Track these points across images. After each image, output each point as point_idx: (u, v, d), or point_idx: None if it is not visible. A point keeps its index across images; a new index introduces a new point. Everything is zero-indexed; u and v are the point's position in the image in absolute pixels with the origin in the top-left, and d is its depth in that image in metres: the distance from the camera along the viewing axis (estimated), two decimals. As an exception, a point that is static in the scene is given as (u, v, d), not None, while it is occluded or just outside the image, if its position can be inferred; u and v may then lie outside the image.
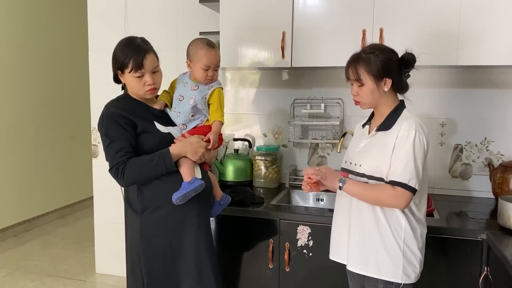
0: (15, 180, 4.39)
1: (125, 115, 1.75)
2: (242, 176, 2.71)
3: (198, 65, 1.85)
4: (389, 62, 1.61)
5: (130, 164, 1.73)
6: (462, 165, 2.54)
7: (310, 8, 2.32)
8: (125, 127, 1.74)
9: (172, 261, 1.84)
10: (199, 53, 1.85)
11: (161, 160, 1.74)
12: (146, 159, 1.75)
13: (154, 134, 1.79)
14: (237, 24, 2.43)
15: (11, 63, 4.30)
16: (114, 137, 1.74)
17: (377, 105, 1.67)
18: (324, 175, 1.64)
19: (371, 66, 1.59)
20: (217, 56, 1.88)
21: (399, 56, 1.64)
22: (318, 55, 2.33)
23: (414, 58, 1.63)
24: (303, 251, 2.14)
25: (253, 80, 2.84)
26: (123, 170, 1.73)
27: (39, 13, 4.61)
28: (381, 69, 1.59)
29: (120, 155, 1.73)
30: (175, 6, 2.94)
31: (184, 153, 1.78)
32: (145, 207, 1.82)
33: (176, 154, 1.77)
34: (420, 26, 2.17)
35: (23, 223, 4.46)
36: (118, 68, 1.78)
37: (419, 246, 1.63)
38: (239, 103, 2.89)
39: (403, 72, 1.65)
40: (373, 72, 1.60)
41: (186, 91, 1.88)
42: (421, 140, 1.56)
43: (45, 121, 4.75)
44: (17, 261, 3.73)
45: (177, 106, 1.89)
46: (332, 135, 2.67)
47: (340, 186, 1.62)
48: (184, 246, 1.84)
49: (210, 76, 1.87)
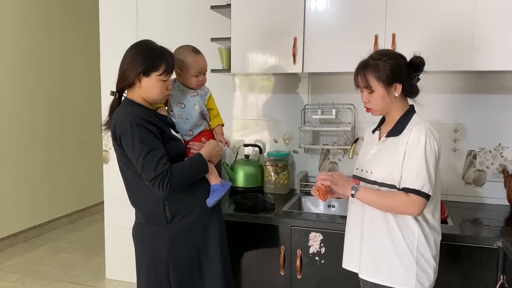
0: (26, 185, 4.42)
1: (152, 121, 1.73)
2: (253, 182, 2.70)
3: (188, 72, 1.88)
4: (397, 67, 1.60)
5: (175, 172, 1.70)
6: (475, 172, 2.51)
7: (321, 14, 2.32)
8: (156, 135, 1.71)
9: (198, 266, 1.86)
10: (187, 61, 1.88)
11: (200, 166, 1.80)
12: (187, 165, 1.78)
13: (177, 141, 1.85)
14: (248, 30, 2.44)
15: (23, 69, 4.34)
16: (152, 145, 1.68)
17: (388, 111, 1.66)
18: (336, 181, 1.62)
19: (380, 72, 1.59)
20: (205, 60, 1.93)
21: (407, 60, 1.63)
22: (330, 60, 2.32)
23: (423, 61, 1.62)
24: (315, 258, 2.12)
25: (264, 85, 2.84)
26: (169, 178, 1.68)
27: (51, 19, 4.66)
28: (390, 75, 1.58)
29: (163, 164, 1.68)
30: (186, 13, 2.95)
31: (210, 157, 1.86)
32: (173, 216, 1.80)
33: (207, 158, 1.84)
34: (433, 31, 2.16)
35: (33, 228, 4.49)
36: (144, 69, 1.71)
37: (433, 254, 1.61)
38: (249, 108, 2.88)
39: (413, 76, 1.64)
40: (383, 78, 1.59)
41: (186, 98, 1.91)
42: (432, 146, 1.54)
43: (56, 127, 4.78)
44: (28, 266, 3.74)
45: (182, 113, 1.91)
46: (344, 141, 2.65)
47: (353, 193, 1.60)
48: (210, 248, 1.88)
49: (201, 81, 1.92)
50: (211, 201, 1.83)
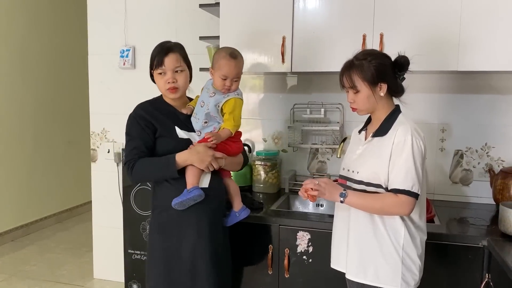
0: (13, 184, 4.37)
1: (147, 118, 1.84)
2: (242, 181, 2.69)
3: (217, 73, 1.88)
4: (382, 66, 1.60)
5: (139, 163, 1.80)
6: (462, 171, 2.53)
7: (310, 13, 2.32)
8: (144, 129, 1.82)
9: (169, 266, 1.86)
10: (219, 63, 1.88)
11: (165, 165, 1.80)
12: (155, 161, 1.82)
13: (170, 139, 1.85)
14: (237, 29, 2.43)
15: (11, 67, 4.29)
16: (132, 136, 1.84)
17: (374, 110, 1.67)
18: (324, 189, 1.61)
19: (365, 72, 1.59)
20: (237, 67, 1.89)
21: (392, 60, 1.64)
22: (318, 60, 2.32)
23: (408, 60, 1.63)
24: (302, 257, 2.12)
25: (253, 85, 2.84)
26: (132, 167, 1.81)
27: (39, 16, 4.61)
28: (375, 75, 1.59)
29: (134, 153, 1.82)
30: (174, 11, 2.94)
31: (190, 161, 1.80)
32: (155, 207, 1.91)
33: (181, 161, 1.80)
34: (420, 31, 2.16)
35: (20, 228, 4.44)
36: (150, 68, 1.88)
37: (418, 253, 1.62)
38: (238, 108, 2.87)
39: (398, 76, 1.65)
40: (368, 78, 1.59)
41: (206, 98, 1.90)
42: (418, 145, 1.55)
43: (43, 125, 4.73)
44: (14, 266, 3.70)
45: (197, 112, 1.91)
46: (332, 140, 2.66)
47: (342, 200, 1.60)
48: (182, 253, 1.86)
49: (228, 86, 1.88)
50: (173, 201, 1.80)
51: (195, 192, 1.79)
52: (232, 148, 1.94)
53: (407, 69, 1.63)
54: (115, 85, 3.11)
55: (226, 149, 1.90)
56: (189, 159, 1.80)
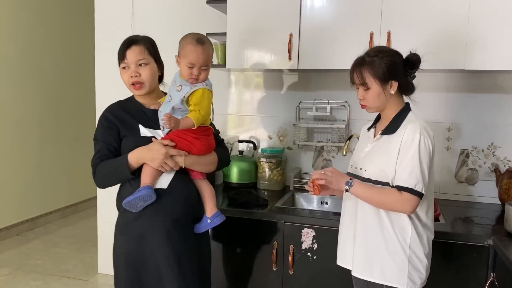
0: (19, 179, 4.40)
1: (110, 118, 1.75)
2: (246, 178, 2.70)
3: (183, 61, 1.70)
4: (394, 64, 1.59)
5: (100, 167, 1.73)
6: (468, 170, 2.52)
7: (317, 11, 2.32)
8: (107, 130, 1.74)
9: (133, 270, 1.74)
10: (185, 49, 1.70)
11: (119, 166, 1.69)
12: (111, 163, 1.71)
13: (132, 138, 1.73)
14: (244, 26, 2.43)
15: (17, 63, 4.31)
16: (97, 139, 1.77)
17: (384, 108, 1.66)
18: (330, 178, 1.61)
19: (376, 69, 1.58)
20: (204, 54, 1.70)
21: (403, 57, 1.63)
22: (325, 57, 2.32)
23: (419, 58, 1.62)
24: (307, 254, 2.13)
25: (259, 82, 2.84)
26: (95, 173, 1.74)
27: (46, 13, 4.63)
28: (386, 72, 1.58)
29: (96, 157, 1.74)
30: (182, 7, 2.94)
31: (142, 159, 1.67)
32: (118, 207, 1.81)
33: (133, 160, 1.67)
34: (428, 30, 2.16)
35: (26, 222, 4.47)
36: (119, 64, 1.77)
37: (425, 252, 1.61)
38: (244, 105, 2.88)
39: (409, 74, 1.64)
40: (379, 75, 1.58)
41: (173, 91, 1.73)
42: (426, 144, 1.55)
43: (50, 121, 4.75)
44: (20, 260, 3.72)
45: (163, 106, 1.75)
46: (338, 138, 2.66)
47: (347, 188, 1.60)
48: (147, 258, 1.73)
49: (195, 75, 1.69)
50: (123, 201, 1.66)
51: (142, 191, 1.63)
52: (196, 146, 1.73)
53: (418, 67, 1.62)
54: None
55: (189, 147, 1.72)
56: (141, 157, 1.67)
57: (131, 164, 1.68)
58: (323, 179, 1.62)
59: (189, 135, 1.71)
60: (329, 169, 1.65)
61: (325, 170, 1.64)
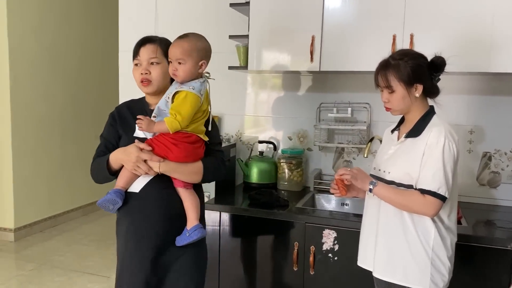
0: (42, 178, 4.50)
1: (115, 116, 1.78)
2: (266, 178, 2.72)
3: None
4: (419, 67, 1.60)
5: (92, 163, 1.77)
6: (490, 173, 2.50)
7: (340, 13, 2.33)
8: (110, 127, 1.77)
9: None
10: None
11: (102, 164, 1.70)
12: (98, 161, 1.74)
13: (125, 138, 1.72)
14: (266, 28, 2.46)
15: (42, 63, 4.42)
16: (102, 135, 1.79)
17: (408, 111, 1.67)
18: (356, 175, 1.64)
19: (401, 72, 1.59)
20: (178, 46, 1.65)
21: (428, 60, 1.64)
22: (347, 59, 2.33)
23: (444, 61, 1.62)
24: (328, 255, 2.14)
25: (279, 83, 2.86)
26: (91, 169, 1.77)
27: (71, 14, 4.73)
28: (411, 75, 1.59)
29: (95, 154, 1.77)
30: (204, 9, 2.97)
31: (119, 160, 1.66)
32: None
33: (113, 160, 1.68)
34: (451, 32, 2.15)
35: (49, 219, 4.57)
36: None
37: (448, 255, 1.62)
38: (264, 105, 2.90)
39: (433, 77, 1.64)
40: (404, 79, 1.59)
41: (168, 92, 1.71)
42: (450, 148, 1.55)
43: (72, 121, 4.85)
44: (44, 255, 3.82)
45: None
46: (359, 140, 2.66)
47: (371, 188, 1.62)
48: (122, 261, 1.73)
49: (173, 69, 1.65)
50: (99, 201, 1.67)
51: (109, 195, 1.64)
52: (173, 152, 1.65)
53: (443, 70, 1.62)
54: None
55: (166, 153, 1.65)
56: (118, 158, 1.66)
57: (111, 164, 1.69)
58: (349, 174, 1.64)
59: (168, 140, 1.65)
60: (355, 168, 1.68)
61: (352, 168, 1.67)
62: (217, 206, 2.32)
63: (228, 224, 2.31)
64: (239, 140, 2.94)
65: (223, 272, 2.33)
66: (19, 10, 4.12)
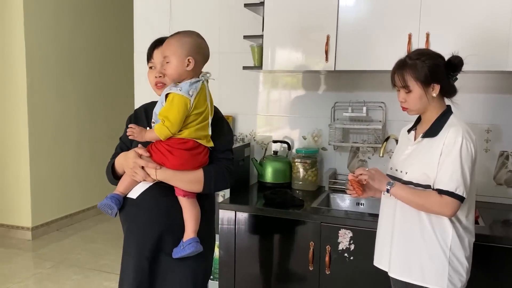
0: (58, 177, 4.57)
1: (131, 119, 1.77)
2: (281, 178, 2.73)
3: None
4: (436, 67, 1.59)
5: (107, 167, 1.75)
6: (507, 173, 2.48)
7: (355, 12, 2.32)
8: (126, 130, 1.69)
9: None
10: None
11: (108, 168, 1.71)
12: (109, 164, 1.73)
13: (136, 142, 1.67)
14: (280, 28, 2.46)
15: (58, 64, 4.48)
16: (120, 137, 1.78)
17: (425, 111, 1.66)
18: (373, 176, 1.64)
19: (418, 72, 1.58)
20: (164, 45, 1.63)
21: (445, 60, 1.63)
22: (363, 59, 2.33)
23: (462, 61, 1.62)
24: (344, 254, 2.14)
25: (293, 82, 2.86)
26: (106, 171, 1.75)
27: (86, 15, 4.79)
28: (428, 75, 1.58)
29: (112, 157, 1.76)
30: (219, 10, 2.99)
31: (121, 165, 1.65)
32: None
33: (118, 165, 1.67)
34: (468, 31, 2.14)
35: (65, 218, 4.64)
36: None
37: (466, 255, 1.61)
38: (278, 105, 2.91)
39: (451, 76, 1.64)
40: (421, 79, 1.59)
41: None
42: (468, 148, 1.54)
43: (87, 121, 4.91)
44: (61, 254, 3.88)
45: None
46: (374, 139, 2.65)
47: (388, 188, 1.62)
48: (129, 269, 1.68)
49: (163, 70, 1.63)
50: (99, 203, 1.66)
51: (105, 200, 1.63)
52: (169, 159, 1.57)
53: (461, 70, 1.62)
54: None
55: (162, 160, 1.58)
56: (120, 162, 1.65)
57: (116, 169, 1.68)
58: (366, 174, 1.64)
59: (163, 146, 1.58)
60: (373, 168, 1.68)
61: (369, 169, 1.67)
62: (232, 206, 2.34)
63: (243, 224, 2.32)
64: (253, 139, 2.95)
65: (238, 271, 2.34)
66: (35, 13, 4.18)
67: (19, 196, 4.27)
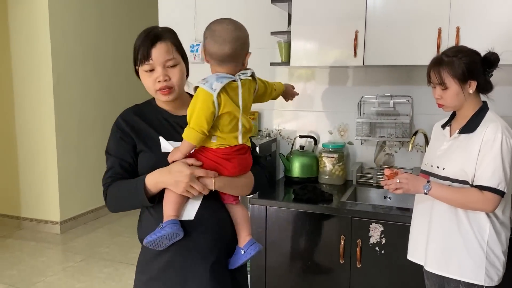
0: (85, 172, 4.66)
1: (125, 129, 1.45)
2: (308, 172, 2.76)
3: None
4: (473, 64, 1.60)
5: (112, 188, 1.44)
6: (538, 165, 2.46)
7: (383, 7, 2.32)
8: (120, 143, 1.44)
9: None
10: None
11: (134, 190, 1.37)
12: (125, 185, 1.41)
13: (151, 154, 1.42)
14: (308, 24, 2.47)
15: (84, 63, 4.57)
16: (109, 153, 1.48)
17: (461, 107, 1.67)
18: (407, 186, 1.63)
19: (455, 69, 1.59)
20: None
21: (481, 56, 1.63)
22: (391, 54, 2.32)
23: (498, 58, 1.62)
24: (375, 248, 2.17)
25: (319, 77, 2.87)
26: (106, 195, 1.46)
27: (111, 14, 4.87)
28: (465, 72, 1.59)
29: (107, 176, 1.45)
30: (245, 6, 3.00)
31: (162, 184, 1.35)
32: (140, 238, 1.46)
33: (152, 184, 1.35)
34: (499, 24, 2.12)
35: (91, 212, 4.74)
36: (134, 64, 1.44)
37: (502, 249, 1.63)
38: (304, 100, 2.92)
39: (487, 72, 1.64)
40: (458, 76, 1.60)
41: None
42: (508, 143, 1.55)
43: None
44: (90, 247, 3.97)
45: None
46: (401, 133, 2.66)
47: (425, 192, 1.63)
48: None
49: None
50: (145, 239, 1.35)
51: (167, 229, 1.31)
52: (227, 167, 1.38)
53: (497, 66, 1.62)
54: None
55: (217, 168, 1.38)
56: (161, 181, 1.34)
57: (149, 189, 1.36)
58: (399, 188, 1.64)
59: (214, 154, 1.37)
60: (404, 176, 1.65)
61: (400, 178, 1.65)
62: (262, 201, 2.38)
63: (274, 218, 2.36)
64: (279, 134, 2.98)
65: (269, 264, 2.39)
66: (60, 12, 4.25)
67: (47, 191, 4.38)
